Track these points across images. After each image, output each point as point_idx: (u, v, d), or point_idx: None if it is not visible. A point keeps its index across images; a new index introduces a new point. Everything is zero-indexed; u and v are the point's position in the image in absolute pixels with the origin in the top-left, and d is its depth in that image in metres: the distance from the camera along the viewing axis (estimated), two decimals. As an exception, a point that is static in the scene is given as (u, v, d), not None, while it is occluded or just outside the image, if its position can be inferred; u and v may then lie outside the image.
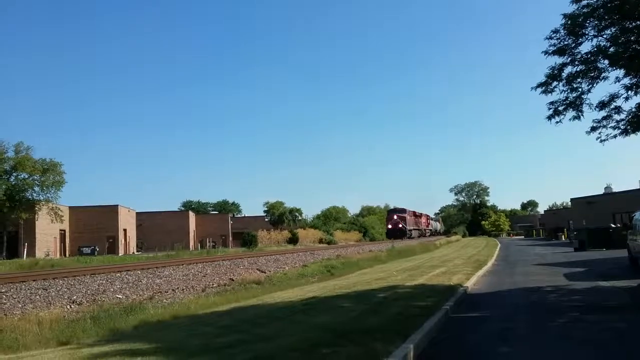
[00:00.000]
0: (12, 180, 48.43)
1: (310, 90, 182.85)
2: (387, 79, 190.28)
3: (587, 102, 14.07)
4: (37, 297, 12.19)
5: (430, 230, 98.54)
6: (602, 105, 14.14)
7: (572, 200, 64.21)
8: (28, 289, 12.63)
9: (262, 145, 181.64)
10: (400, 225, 73.18)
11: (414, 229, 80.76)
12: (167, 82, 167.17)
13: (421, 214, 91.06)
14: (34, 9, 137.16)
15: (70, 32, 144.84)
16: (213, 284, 16.41)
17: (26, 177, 48.55)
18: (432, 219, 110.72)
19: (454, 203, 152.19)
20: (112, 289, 13.84)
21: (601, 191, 56.67)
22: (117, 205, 60.06)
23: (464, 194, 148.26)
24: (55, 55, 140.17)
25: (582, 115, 14.09)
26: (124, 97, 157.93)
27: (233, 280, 17.34)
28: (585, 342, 7.19)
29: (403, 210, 77.92)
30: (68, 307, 11.96)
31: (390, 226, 75.27)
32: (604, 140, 14.50)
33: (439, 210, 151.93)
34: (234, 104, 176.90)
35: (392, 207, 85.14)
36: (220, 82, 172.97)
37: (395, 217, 75.14)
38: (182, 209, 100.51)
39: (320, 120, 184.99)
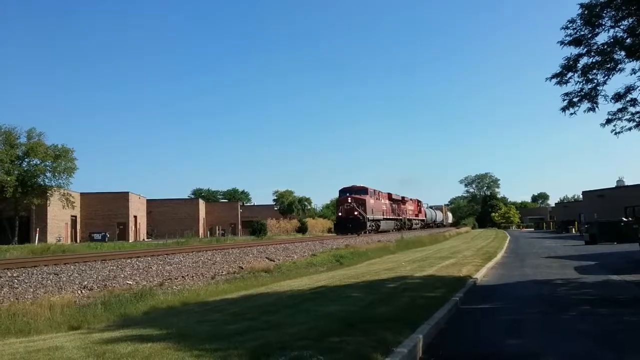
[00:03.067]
0: (24, 166, 48.86)
1: (321, 80, 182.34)
2: (397, 70, 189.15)
3: (602, 93, 13.89)
4: (49, 282, 12.30)
5: (422, 220, 76.21)
6: (617, 97, 13.95)
7: (583, 193, 63.80)
8: (40, 274, 12.75)
9: (273, 134, 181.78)
10: (356, 213, 45.88)
11: (386, 219, 53.52)
12: (180, 70, 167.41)
13: (405, 198, 64.02)
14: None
15: (85, 16, 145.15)
16: (222, 272, 16.48)
17: (38, 163, 48.99)
18: (431, 208, 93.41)
19: (463, 195, 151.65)
20: (122, 275, 13.93)
21: (613, 184, 56.25)
22: (128, 192, 60.48)
23: (474, 186, 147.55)
24: (67, 39, 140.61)
25: (597, 107, 13.92)
26: (137, 84, 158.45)
27: (242, 268, 17.40)
28: (595, 335, 7.15)
29: (362, 190, 48.95)
30: (79, 292, 12.06)
31: (340, 214, 47.57)
32: (619, 132, 14.33)
33: (449, 201, 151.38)
34: (246, 93, 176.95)
35: (348, 186, 50.35)
36: (232, 71, 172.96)
37: (349, 200, 46.91)
38: (192, 196, 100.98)
39: (331, 110, 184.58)
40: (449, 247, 32.32)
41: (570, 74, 13.97)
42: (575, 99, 14.06)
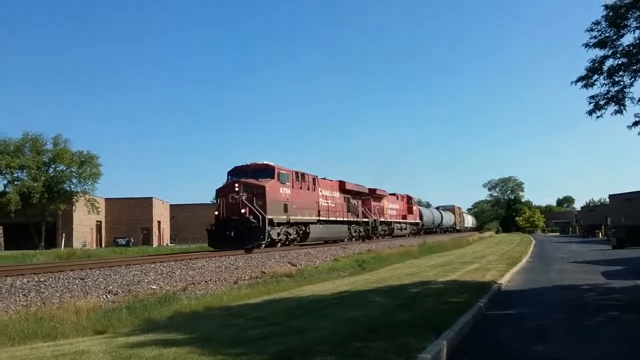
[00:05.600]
0: (50, 172, 49.79)
1: (344, 78, 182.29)
2: (418, 75, 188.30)
3: (629, 95, 13.65)
4: (75, 286, 12.47)
5: (416, 224, 53.50)
6: None
7: (610, 196, 62.69)
8: (66, 279, 12.93)
9: (294, 136, 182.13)
10: (244, 212, 22.29)
11: (327, 222, 29.96)
12: (203, 76, 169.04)
13: (377, 192, 40.26)
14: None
15: (109, 23, 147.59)
16: (245, 277, 16.54)
17: (64, 169, 49.85)
18: (439, 208, 75.15)
19: (487, 198, 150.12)
20: (146, 280, 14.06)
21: (641, 188, 55.06)
22: (152, 197, 61.17)
23: (497, 190, 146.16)
24: (86, 45, 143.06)
25: (625, 109, 13.68)
26: (162, 89, 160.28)
27: (264, 273, 17.44)
28: (623, 341, 7.01)
29: (264, 171, 24.79)
30: (104, 296, 12.20)
31: (217, 212, 23.38)
32: None
33: (472, 205, 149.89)
34: (267, 97, 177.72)
35: (241, 165, 25.63)
36: (255, 76, 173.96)
37: (236, 188, 23.09)
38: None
39: (355, 110, 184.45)
40: (472, 251, 32.00)
41: (595, 77, 13.77)
42: (601, 102, 13.85)
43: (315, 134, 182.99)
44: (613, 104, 13.76)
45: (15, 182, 46.95)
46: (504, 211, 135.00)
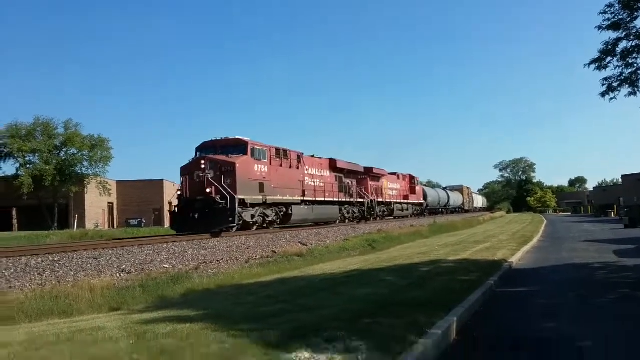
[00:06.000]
0: (62, 155, 50.21)
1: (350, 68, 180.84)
2: (429, 57, 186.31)
3: None
4: (89, 265, 12.65)
5: (419, 205, 51.09)
6: None
7: (622, 177, 61.97)
8: (79, 258, 13.11)
9: (304, 119, 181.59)
10: (210, 191, 19.76)
11: (314, 203, 27.23)
12: (212, 63, 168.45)
13: (373, 170, 37.69)
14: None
15: (119, 12, 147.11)
16: (256, 256, 16.66)
17: (75, 152, 50.28)
18: (446, 188, 73.59)
19: (498, 179, 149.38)
20: (159, 259, 14.22)
21: (654, 167, 54.46)
22: (163, 179, 61.37)
23: (509, 170, 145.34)
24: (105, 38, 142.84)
25: (638, 90, 13.55)
26: (170, 75, 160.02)
27: (275, 252, 17.56)
28: (634, 319, 7.00)
29: (236, 147, 22.04)
30: (118, 275, 12.37)
31: (180, 192, 21.16)
32: None
33: (483, 186, 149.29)
34: (275, 82, 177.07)
35: (210, 140, 22.75)
36: (267, 63, 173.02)
37: (202, 165, 20.38)
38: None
39: (365, 98, 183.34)
40: (483, 231, 31.96)
41: (609, 59, 13.64)
42: (615, 84, 13.73)
43: (326, 123, 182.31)
44: (627, 85, 13.64)
45: (27, 166, 47.37)
46: (515, 192, 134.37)
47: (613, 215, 52.99)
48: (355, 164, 34.35)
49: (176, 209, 20.97)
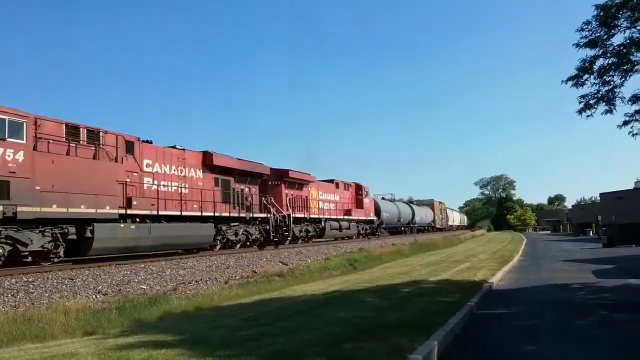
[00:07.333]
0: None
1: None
2: (410, 68, 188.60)
3: (619, 95, 13.72)
4: (64, 286, 12.36)
5: (369, 222, 40.67)
6: (635, 99, 13.81)
7: (600, 195, 62.88)
8: (55, 279, 12.81)
9: (285, 135, 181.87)
10: None
11: (171, 217, 18.20)
12: (223, 60, 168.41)
13: (289, 174, 28.00)
14: None
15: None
16: (236, 276, 16.48)
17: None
18: (414, 203, 65.31)
19: (478, 197, 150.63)
20: (136, 280, 13.97)
21: (631, 186, 55.41)
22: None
23: (489, 188, 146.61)
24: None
25: (615, 109, 13.75)
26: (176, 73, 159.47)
27: (255, 272, 17.39)
28: (614, 341, 7.03)
29: None
30: (94, 297, 12.11)
31: None
32: (637, 134, 14.16)
33: (464, 203, 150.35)
34: (274, 85, 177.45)
35: None
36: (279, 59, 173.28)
37: None
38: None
39: (357, 114, 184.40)
40: (464, 250, 32.09)
41: (586, 76, 13.82)
42: (592, 101, 13.90)
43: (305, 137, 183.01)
44: (603, 103, 13.82)
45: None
46: (496, 209, 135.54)
47: (592, 234, 53.63)
48: (257, 162, 24.76)
49: None
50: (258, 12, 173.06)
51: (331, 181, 35.11)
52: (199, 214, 19.51)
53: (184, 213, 18.65)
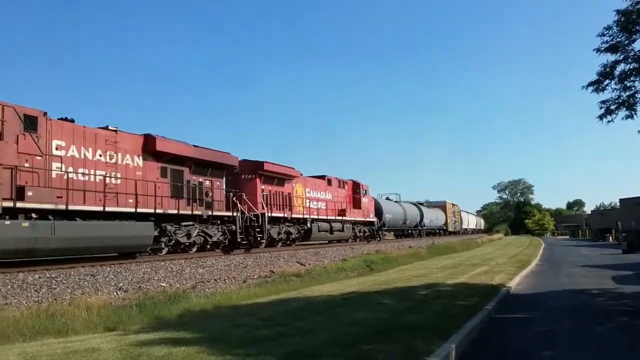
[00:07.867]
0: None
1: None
2: (427, 75, 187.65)
3: None
4: (86, 283, 12.58)
5: (369, 223, 36.41)
6: None
7: (620, 200, 62.03)
8: (77, 275, 13.04)
9: (299, 136, 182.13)
10: None
11: (88, 213, 14.13)
12: (228, 59, 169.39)
13: (285, 175, 25.34)
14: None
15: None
16: (254, 276, 16.61)
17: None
18: (423, 204, 56.79)
19: (496, 200, 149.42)
20: (156, 277, 14.16)
21: (652, 192, 54.50)
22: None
23: (507, 192, 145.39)
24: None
25: (636, 114, 13.60)
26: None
27: (273, 272, 17.51)
28: (633, 348, 6.97)
29: None
30: (115, 293, 12.31)
31: None
32: None
33: (481, 207, 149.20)
34: (280, 89, 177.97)
35: None
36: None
37: None
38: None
39: (359, 116, 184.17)
40: (481, 254, 31.89)
41: (607, 82, 13.69)
42: (612, 107, 13.77)
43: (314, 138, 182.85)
44: (624, 108, 13.68)
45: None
46: (514, 213, 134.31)
47: (611, 240, 52.87)
48: (222, 152, 20.70)
49: None
50: (258, 14, 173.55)
51: (322, 177, 30.89)
52: (132, 210, 15.53)
53: (108, 208, 14.65)
